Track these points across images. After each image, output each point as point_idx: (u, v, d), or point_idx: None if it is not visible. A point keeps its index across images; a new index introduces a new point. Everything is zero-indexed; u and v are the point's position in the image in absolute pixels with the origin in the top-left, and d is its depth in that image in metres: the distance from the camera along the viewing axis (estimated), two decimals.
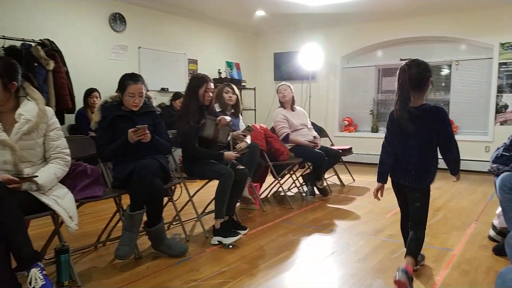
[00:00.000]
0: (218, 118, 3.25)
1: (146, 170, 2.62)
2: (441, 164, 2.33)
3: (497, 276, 1.23)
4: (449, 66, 6.69)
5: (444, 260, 2.68)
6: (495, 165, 2.68)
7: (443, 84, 6.81)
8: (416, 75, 2.20)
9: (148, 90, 3.02)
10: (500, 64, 6.12)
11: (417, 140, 2.27)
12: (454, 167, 2.33)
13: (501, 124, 6.15)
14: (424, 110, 2.26)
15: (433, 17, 6.54)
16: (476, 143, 6.26)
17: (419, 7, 6.18)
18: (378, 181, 2.36)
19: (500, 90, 6.15)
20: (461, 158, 2.33)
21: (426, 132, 2.26)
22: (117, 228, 2.98)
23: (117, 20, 5.68)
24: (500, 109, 6.16)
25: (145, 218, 2.75)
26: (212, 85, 3.25)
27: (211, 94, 3.24)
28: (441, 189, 4.95)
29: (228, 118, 3.31)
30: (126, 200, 2.71)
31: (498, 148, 2.73)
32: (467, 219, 3.66)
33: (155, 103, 3.13)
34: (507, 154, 2.62)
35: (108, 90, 3.19)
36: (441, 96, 6.84)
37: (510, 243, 1.55)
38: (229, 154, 3.27)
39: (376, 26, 7.08)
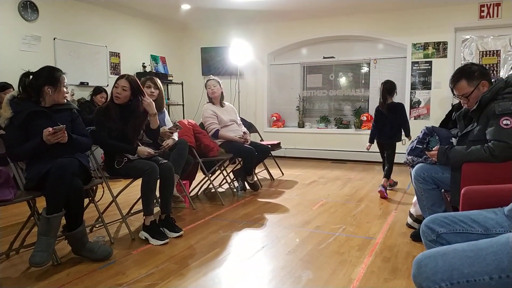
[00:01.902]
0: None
1: (64, 169, 2.43)
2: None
3: (413, 263, 1.29)
4: (368, 64, 7.08)
5: (368, 248, 2.82)
6: (410, 157, 2.87)
7: (363, 81, 7.20)
8: (389, 87, 4.43)
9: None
10: (413, 63, 6.61)
11: (389, 120, 4.41)
12: (407, 134, 4.52)
13: (415, 119, 6.64)
14: (392, 105, 4.44)
15: (353, 17, 6.87)
16: None
17: (340, 7, 6.45)
18: (369, 142, 4.56)
19: (413, 87, 6.64)
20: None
21: (393, 116, 4.41)
22: (32, 234, 2.73)
23: (28, 8, 5.22)
24: (414, 105, 6.66)
25: (64, 221, 2.56)
26: (122, 82, 3.05)
27: (117, 92, 3.06)
28: (363, 180, 5.23)
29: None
30: (41, 203, 2.49)
31: (413, 141, 2.91)
32: (387, 208, 3.89)
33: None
34: (420, 146, 2.81)
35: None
36: (361, 92, 7.22)
37: (424, 230, 1.65)
38: (143, 149, 3.13)
39: (300, 24, 7.27)
